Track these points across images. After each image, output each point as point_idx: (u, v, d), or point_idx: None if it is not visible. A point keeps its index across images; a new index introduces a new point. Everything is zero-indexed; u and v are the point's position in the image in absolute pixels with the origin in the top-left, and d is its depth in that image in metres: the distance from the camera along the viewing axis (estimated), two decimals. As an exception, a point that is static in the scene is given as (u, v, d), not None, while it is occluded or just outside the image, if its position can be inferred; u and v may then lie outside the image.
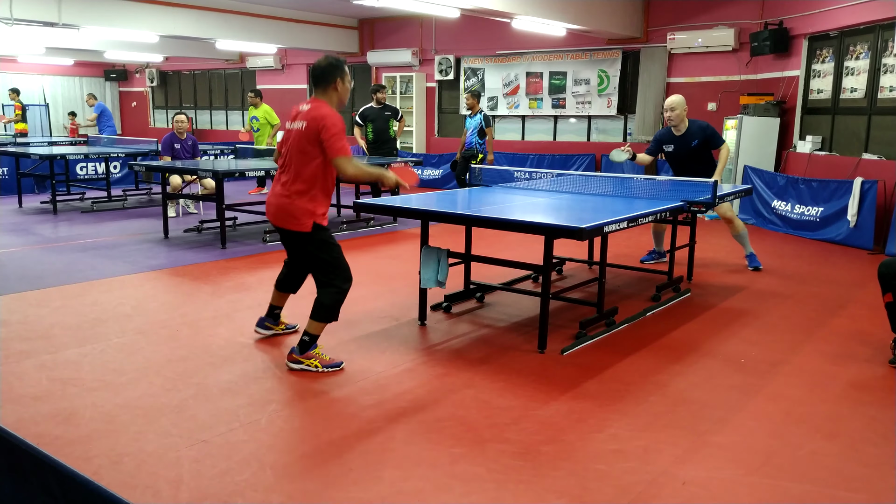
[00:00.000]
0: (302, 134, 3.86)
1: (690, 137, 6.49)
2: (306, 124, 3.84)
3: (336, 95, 3.97)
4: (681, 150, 6.54)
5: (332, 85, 3.95)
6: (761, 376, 4.05)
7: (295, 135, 3.90)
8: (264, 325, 4.56)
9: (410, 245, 7.70)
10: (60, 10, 10.76)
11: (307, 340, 3.97)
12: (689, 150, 6.52)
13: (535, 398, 3.67)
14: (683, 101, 6.52)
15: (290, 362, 4.00)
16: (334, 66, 3.95)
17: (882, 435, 3.32)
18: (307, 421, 3.42)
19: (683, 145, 6.52)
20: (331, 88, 3.95)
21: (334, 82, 3.94)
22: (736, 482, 2.87)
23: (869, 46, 8.58)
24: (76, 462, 2.91)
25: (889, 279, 4.13)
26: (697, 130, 6.49)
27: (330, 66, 3.94)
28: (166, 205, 8.35)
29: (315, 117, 3.82)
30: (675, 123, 6.48)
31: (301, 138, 3.86)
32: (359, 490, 2.77)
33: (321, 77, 3.95)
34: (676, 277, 5.93)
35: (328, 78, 3.93)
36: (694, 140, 6.48)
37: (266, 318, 4.57)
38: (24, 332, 4.62)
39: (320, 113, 3.83)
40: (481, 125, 9.94)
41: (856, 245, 7.84)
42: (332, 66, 3.95)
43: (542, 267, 4.33)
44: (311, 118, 3.84)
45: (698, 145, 6.48)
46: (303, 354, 3.97)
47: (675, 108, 6.44)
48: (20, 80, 18.80)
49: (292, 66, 16.72)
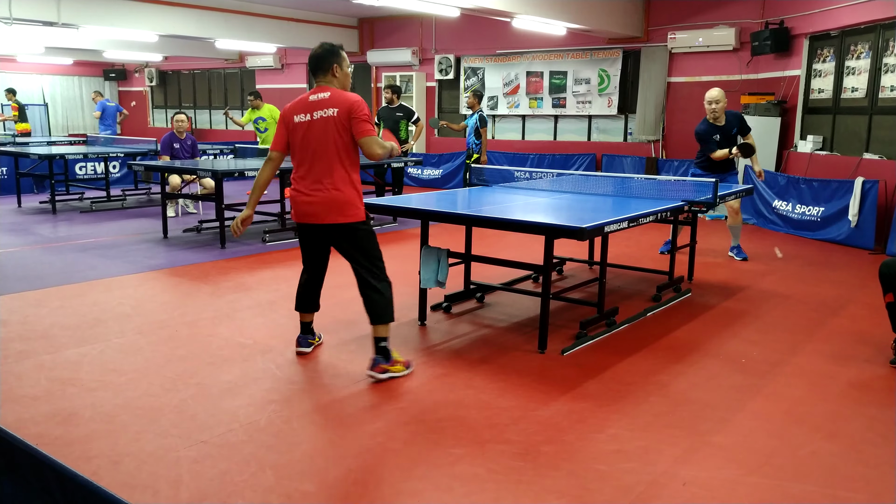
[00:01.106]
0: (334, 121, 3.71)
1: (730, 126, 6.95)
2: (338, 111, 3.71)
3: (337, 82, 3.86)
4: (724, 139, 6.95)
5: (331, 72, 3.84)
6: (762, 376, 4.04)
7: (321, 124, 3.73)
8: (307, 342, 4.29)
9: (410, 245, 7.69)
10: (60, 10, 10.75)
11: (386, 346, 3.85)
12: (729, 139, 6.94)
13: (536, 398, 3.66)
14: (724, 93, 6.98)
15: (379, 373, 3.82)
16: (331, 52, 3.84)
17: (882, 435, 3.31)
18: (307, 421, 3.42)
19: (725, 134, 6.95)
20: (330, 75, 3.85)
21: (331, 69, 3.83)
22: (736, 482, 2.87)
23: (870, 46, 8.57)
24: (76, 462, 2.90)
25: (890, 279, 4.13)
26: (734, 119, 7.00)
27: (326, 53, 3.84)
28: (165, 204, 8.34)
29: (345, 102, 3.72)
30: (718, 115, 6.90)
31: (333, 126, 3.71)
32: (359, 490, 2.77)
33: (319, 65, 3.84)
34: (677, 277, 5.93)
35: (324, 65, 3.83)
36: (734, 128, 6.96)
37: (304, 334, 4.31)
38: (23, 332, 4.61)
39: (348, 97, 3.74)
40: (476, 125, 9.93)
41: (857, 245, 7.84)
42: (328, 52, 3.84)
43: (543, 267, 4.33)
44: (340, 104, 3.72)
45: (736, 133, 6.97)
46: (389, 363, 3.85)
47: (719, 101, 6.87)
48: (20, 80, 18.80)
49: (292, 65, 16.72)
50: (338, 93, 3.78)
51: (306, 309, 4.26)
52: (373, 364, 3.86)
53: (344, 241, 3.88)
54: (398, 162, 9.61)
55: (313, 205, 3.80)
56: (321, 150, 3.75)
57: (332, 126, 3.72)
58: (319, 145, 3.75)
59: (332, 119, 3.72)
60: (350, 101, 3.74)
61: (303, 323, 4.32)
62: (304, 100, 3.85)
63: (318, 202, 3.79)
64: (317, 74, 3.89)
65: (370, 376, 3.86)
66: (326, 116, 3.73)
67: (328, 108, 3.73)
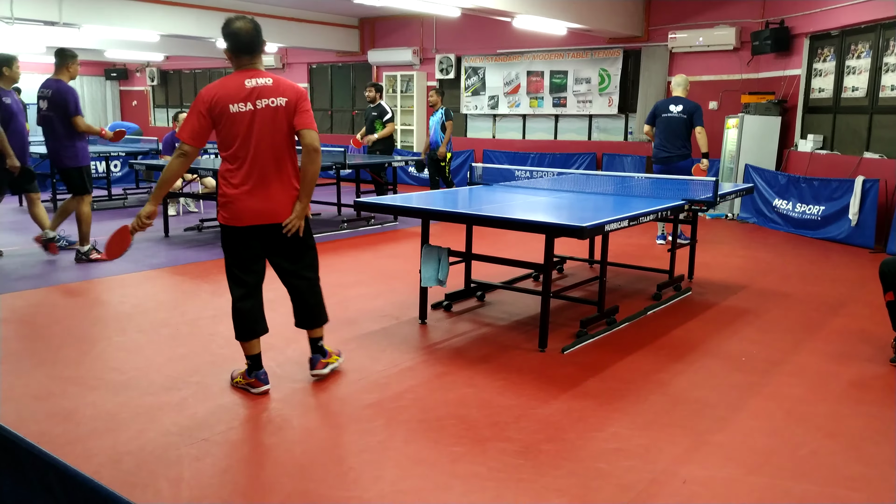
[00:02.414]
0: (284, 111, 3.38)
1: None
2: (287, 101, 3.38)
3: (261, 63, 3.51)
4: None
5: (261, 51, 3.48)
6: (762, 375, 4.05)
7: (268, 114, 3.37)
8: (319, 363, 3.88)
9: (411, 244, 7.70)
10: (61, 10, 10.75)
11: (323, 346, 3.89)
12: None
13: (536, 397, 3.67)
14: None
15: (321, 369, 3.83)
16: (260, 30, 3.47)
17: (883, 434, 3.32)
18: (307, 420, 3.42)
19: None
20: (259, 56, 3.46)
21: (261, 48, 3.47)
22: (736, 481, 2.87)
23: (870, 45, 8.57)
24: (77, 461, 2.90)
25: (890, 277, 4.13)
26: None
27: (257, 30, 3.45)
28: (167, 203, 8.35)
29: (294, 91, 3.41)
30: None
31: (283, 117, 3.38)
32: (359, 489, 2.77)
33: (251, 43, 3.42)
34: (677, 276, 5.93)
35: (257, 43, 3.44)
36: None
37: (314, 355, 3.90)
38: (24, 332, 4.62)
39: (295, 86, 3.45)
40: (442, 120, 9.90)
41: (857, 244, 7.84)
42: (258, 30, 3.46)
43: (543, 265, 4.33)
44: (289, 93, 3.39)
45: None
46: (326, 357, 3.89)
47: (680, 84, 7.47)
48: (21, 80, 18.78)
49: (293, 65, 16.72)
50: (280, 79, 3.43)
51: (257, 333, 3.68)
52: (313, 364, 3.86)
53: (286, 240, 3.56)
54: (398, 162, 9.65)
55: (270, 201, 3.44)
56: (268, 142, 3.39)
57: (282, 117, 3.39)
58: (266, 138, 3.39)
59: (281, 109, 3.38)
60: (298, 89, 3.44)
61: (252, 357, 3.68)
62: (237, 85, 3.38)
63: (275, 200, 3.45)
64: (246, 54, 3.43)
65: (315, 375, 3.86)
66: (275, 106, 3.37)
67: (275, 96, 3.37)
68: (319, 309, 3.84)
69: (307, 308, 3.80)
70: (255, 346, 3.68)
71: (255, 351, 3.68)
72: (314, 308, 3.82)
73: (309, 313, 3.82)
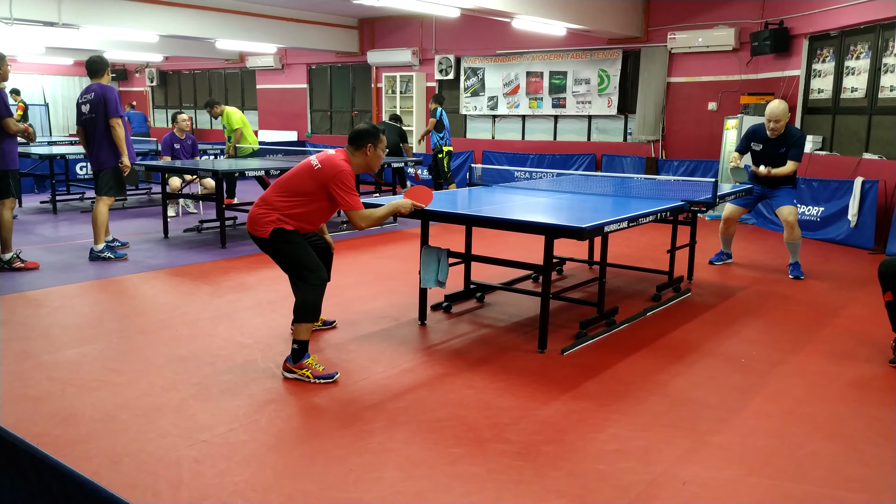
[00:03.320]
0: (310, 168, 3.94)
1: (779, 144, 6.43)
2: (320, 167, 3.91)
3: (364, 159, 4.04)
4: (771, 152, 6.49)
5: (363, 149, 4.02)
6: (762, 376, 4.05)
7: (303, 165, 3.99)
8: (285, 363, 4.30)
9: (410, 245, 7.70)
10: (60, 10, 10.75)
11: (296, 349, 3.87)
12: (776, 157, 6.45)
13: (536, 398, 3.67)
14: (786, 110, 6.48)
15: (285, 371, 3.90)
16: (369, 133, 4.02)
17: (883, 435, 3.32)
18: (307, 421, 3.42)
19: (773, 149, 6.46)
20: (361, 151, 4.02)
21: (365, 147, 4.02)
22: (736, 482, 2.87)
23: (869, 46, 8.57)
24: (76, 462, 2.90)
25: (889, 278, 4.13)
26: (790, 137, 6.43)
27: (366, 132, 4.02)
28: (166, 204, 8.34)
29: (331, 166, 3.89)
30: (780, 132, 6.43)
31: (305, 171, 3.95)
32: (359, 490, 2.77)
33: (356, 138, 4.03)
34: (677, 277, 5.93)
35: (360, 142, 4.02)
36: (781, 147, 6.42)
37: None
38: (24, 332, 4.62)
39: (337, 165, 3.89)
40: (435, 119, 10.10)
41: (856, 245, 7.84)
42: (367, 132, 4.03)
43: (543, 267, 4.33)
44: (326, 163, 3.91)
45: (784, 152, 6.43)
46: (295, 364, 3.87)
47: (779, 120, 6.38)
48: (20, 80, 18.80)
49: (292, 65, 16.72)
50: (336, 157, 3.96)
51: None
52: (285, 359, 3.95)
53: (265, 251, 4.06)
54: (399, 162, 9.67)
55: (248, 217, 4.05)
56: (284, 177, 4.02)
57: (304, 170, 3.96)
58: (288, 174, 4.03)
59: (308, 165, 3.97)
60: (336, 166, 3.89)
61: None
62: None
63: (249, 216, 4.03)
64: (350, 144, 4.05)
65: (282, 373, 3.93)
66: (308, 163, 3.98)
67: (317, 159, 3.96)
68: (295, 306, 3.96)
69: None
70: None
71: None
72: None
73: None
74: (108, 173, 6.64)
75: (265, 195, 4.02)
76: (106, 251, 6.77)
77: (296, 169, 4.01)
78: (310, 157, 4.04)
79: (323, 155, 4.00)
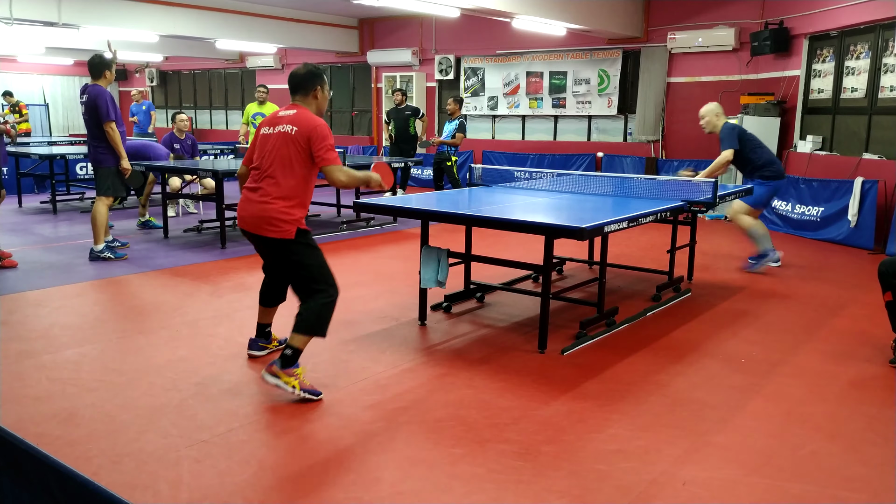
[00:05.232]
0: (290, 139, 3.67)
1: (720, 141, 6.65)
2: (296, 129, 3.67)
3: (315, 104, 3.85)
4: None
5: (312, 93, 3.82)
6: (762, 376, 4.05)
7: (279, 139, 3.70)
8: (257, 345, 4.25)
9: (410, 245, 7.70)
10: (60, 10, 10.75)
11: (289, 355, 3.62)
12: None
13: (536, 398, 3.67)
14: (714, 108, 6.70)
15: (268, 374, 3.61)
16: (314, 75, 3.84)
17: (882, 435, 3.32)
18: (307, 421, 3.42)
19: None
20: (310, 97, 3.83)
21: (314, 90, 3.82)
22: (736, 482, 2.87)
23: (869, 46, 8.57)
24: (76, 462, 2.90)
25: (889, 278, 4.13)
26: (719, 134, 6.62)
27: (310, 74, 3.83)
28: (166, 205, 8.35)
29: (306, 124, 3.67)
30: (710, 130, 6.68)
31: (288, 143, 3.67)
32: (359, 491, 2.77)
33: (301, 85, 3.82)
34: (677, 277, 5.93)
35: (308, 86, 3.82)
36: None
37: (257, 338, 4.26)
38: (24, 332, 4.62)
39: (311, 121, 3.69)
40: (455, 131, 10.04)
41: (856, 245, 7.84)
42: (311, 73, 3.84)
43: (543, 267, 4.33)
44: (301, 124, 3.68)
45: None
46: (284, 370, 3.60)
47: (704, 116, 6.66)
48: (20, 80, 18.80)
49: (292, 65, 16.59)
50: (303, 113, 3.75)
51: (268, 301, 4.19)
52: (270, 363, 3.67)
53: (273, 254, 3.82)
54: (399, 162, 9.67)
55: (247, 213, 3.75)
56: (269, 161, 3.72)
57: (285, 142, 3.69)
58: (269, 156, 3.72)
59: (287, 136, 3.69)
60: (311, 124, 3.68)
61: (259, 324, 4.26)
62: (275, 114, 3.85)
63: (251, 212, 3.73)
64: (296, 93, 3.85)
65: (262, 374, 3.67)
66: (284, 132, 3.70)
67: (288, 124, 3.71)
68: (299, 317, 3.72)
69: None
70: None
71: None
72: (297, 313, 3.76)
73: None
74: (106, 172, 6.63)
75: (264, 185, 3.70)
76: (106, 251, 6.78)
77: (275, 145, 3.70)
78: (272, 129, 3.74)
79: (285, 118, 3.74)
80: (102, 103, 6.42)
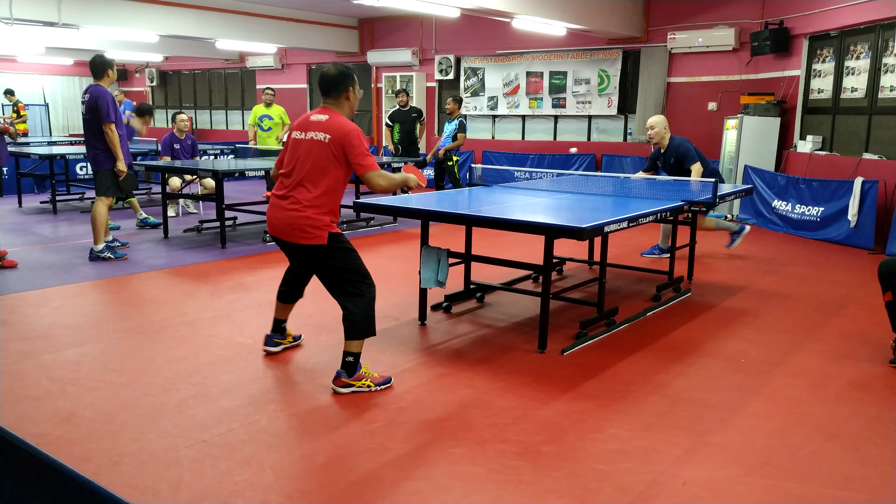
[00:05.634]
0: (323, 146, 3.64)
1: (669, 154, 6.74)
2: (330, 137, 3.63)
3: (348, 105, 3.81)
4: (665, 166, 6.83)
5: (345, 94, 3.77)
6: (762, 376, 4.05)
7: (311, 146, 3.67)
8: (273, 341, 4.27)
9: (410, 245, 7.70)
10: (60, 10, 10.75)
11: (352, 361, 3.70)
12: (669, 168, 6.75)
13: (536, 398, 3.66)
14: (664, 121, 6.80)
15: (339, 387, 3.68)
16: (346, 75, 3.78)
17: (882, 435, 3.32)
18: (307, 421, 3.42)
19: (665, 162, 6.81)
20: (342, 98, 3.78)
21: (346, 91, 3.77)
22: (736, 482, 2.87)
23: (869, 46, 8.57)
24: (76, 462, 2.90)
25: (888, 278, 4.13)
26: (673, 148, 6.71)
27: (341, 75, 3.77)
28: (166, 205, 8.35)
29: (339, 131, 3.64)
30: (656, 141, 6.77)
31: (321, 150, 3.64)
32: (358, 490, 2.77)
33: (332, 86, 3.77)
34: (677, 277, 5.93)
35: (340, 87, 3.76)
36: (671, 157, 6.72)
37: (273, 333, 4.30)
38: (24, 332, 4.62)
39: (344, 127, 3.65)
40: (455, 131, 10.03)
41: (856, 245, 7.84)
42: (343, 74, 3.78)
43: (543, 267, 4.33)
44: (334, 131, 3.64)
45: (675, 163, 6.69)
46: (353, 377, 3.70)
47: (653, 127, 6.75)
48: (20, 80, 18.79)
49: (292, 65, 16.72)
50: (335, 119, 3.70)
51: (287, 299, 4.21)
52: (335, 377, 3.74)
53: (309, 260, 3.81)
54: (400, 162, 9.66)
55: (278, 220, 3.74)
56: (300, 168, 3.69)
57: (318, 150, 3.66)
58: (300, 163, 3.69)
59: (320, 143, 3.66)
60: (345, 130, 3.65)
61: (276, 320, 4.29)
62: (306, 118, 3.80)
63: (282, 220, 3.72)
64: (327, 95, 3.80)
65: (333, 389, 3.73)
66: (317, 140, 3.67)
67: (321, 132, 3.67)
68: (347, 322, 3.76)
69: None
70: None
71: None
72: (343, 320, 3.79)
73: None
74: (106, 174, 6.64)
75: (295, 193, 3.68)
76: (106, 251, 6.78)
77: (308, 153, 3.67)
78: (304, 134, 3.72)
79: (316, 124, 3.70)
80: (103, 104, 6.43)
